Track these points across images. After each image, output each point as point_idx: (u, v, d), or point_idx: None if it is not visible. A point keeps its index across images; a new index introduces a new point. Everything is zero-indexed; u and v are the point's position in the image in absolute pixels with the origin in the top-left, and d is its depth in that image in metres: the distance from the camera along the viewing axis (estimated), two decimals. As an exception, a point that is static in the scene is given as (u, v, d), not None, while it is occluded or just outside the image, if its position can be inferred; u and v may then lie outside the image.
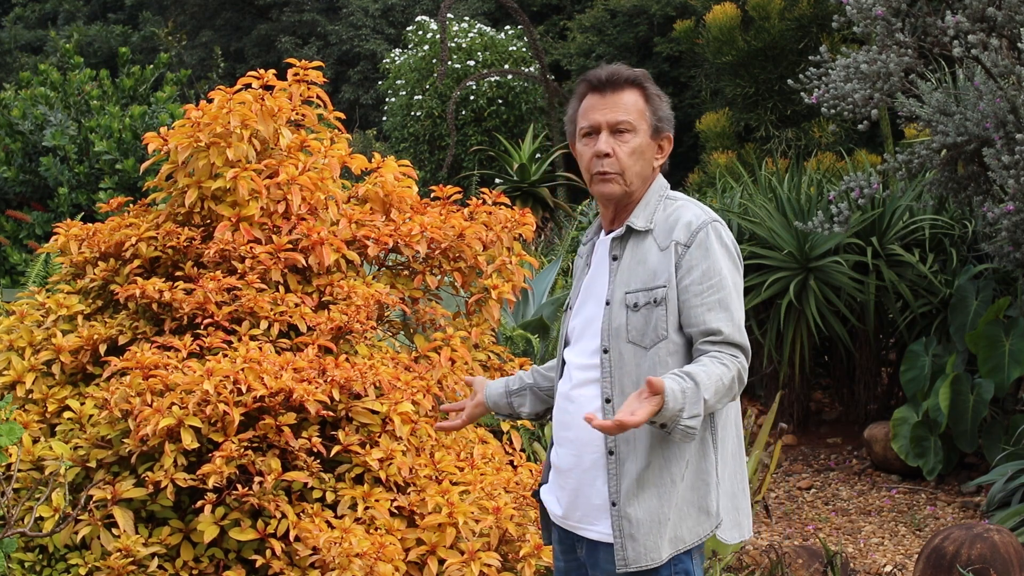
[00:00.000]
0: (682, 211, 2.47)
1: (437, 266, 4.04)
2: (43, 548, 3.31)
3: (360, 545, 3.16)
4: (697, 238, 2.42)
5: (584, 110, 2.51)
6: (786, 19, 10.22)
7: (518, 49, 14.34)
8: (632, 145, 2.46)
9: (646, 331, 2.41)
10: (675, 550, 2.41)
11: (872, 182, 6.18)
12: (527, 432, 5.01)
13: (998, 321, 5.83)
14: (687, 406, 2.27)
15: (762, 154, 10.06)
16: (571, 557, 2.61)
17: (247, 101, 3.86)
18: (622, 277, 2.46)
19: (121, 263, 3.85)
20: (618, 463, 2.42)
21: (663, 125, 2.51)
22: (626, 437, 2.41)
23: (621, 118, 2.46)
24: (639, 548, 2.39)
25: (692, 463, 2.43)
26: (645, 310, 2.41)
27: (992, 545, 4.24)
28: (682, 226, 2.44)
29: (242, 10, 22.07)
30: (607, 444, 2.43)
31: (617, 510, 2.42)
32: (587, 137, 2.50)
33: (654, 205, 2.50)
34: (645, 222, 2.48)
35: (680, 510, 2.42)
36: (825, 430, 7.15)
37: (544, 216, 10.40)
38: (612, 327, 2.44)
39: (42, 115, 8.60)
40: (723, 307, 2.39)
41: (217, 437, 3.25)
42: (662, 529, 2.40)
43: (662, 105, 2.51)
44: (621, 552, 2.41)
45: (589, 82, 2.51)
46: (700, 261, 2.40)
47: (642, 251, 2.46)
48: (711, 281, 2.39)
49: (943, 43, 5.63)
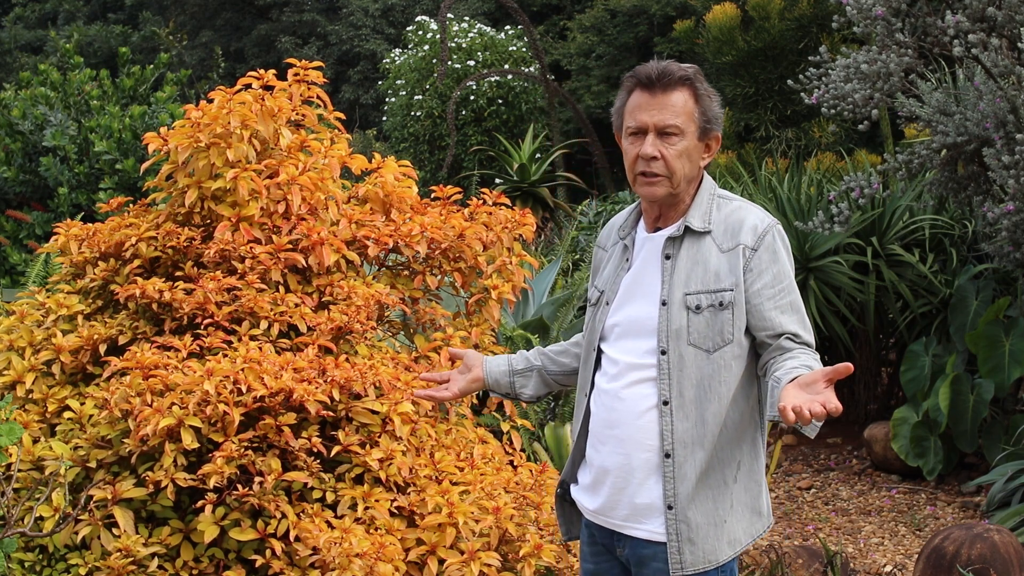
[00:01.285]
0: (744, 213, 2.45)
1: (437, 266, 4.04)
2: (43, 548, 3.31)
3: (360, 545, 3.16)
4: (764, 241, 2.40)
5: (632, 108, 2.45)
6: (786, 19, 10.22)
7: (518, 49, 14.34)
8: (679, 148, 2.42)
9: (709, 334, 2.39)
10: (733, 552, 2.42)
11: (872, 182, 6.18)
12: (527, 432, 5.01)
13: (998, 321, 5.83)
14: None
15: (762, 154, 10.06)
16: (605, 559, 2.58)
17: (247, 101, 3.86)
18: (679, 278, 2.42)
19: (121, 263, 3.85)
20: (675, 466, 2.39)
21: (711, 125, 2.46)
22: (683, 440, 2.39)
23: (669, 121, 2.40)
24: (697, 552, 2.39)
25: (744, 465, 2.44)
26: (708, 313, 2.39)
27: (992, 545, 4.24)
28: (748, 229, 2.42)
29: (242, 10, 22.07)
30: (664, 446, 2.41)
31: (674, 513, 2.39)
32: (634, 136, 2.45)
33: (707, 205, 2.47)
34: (703, 223, 2.44)
35: (735, 512, 2.43)
36: (825, 430, 7.14)
37: (544, 216, 10.40)
38: (671, 328, 2.40)
39: (42, 115, 8.60)
40: (795, 309, 2.40)
41: (217, 437, 3.25)
42: (719, 531, 2.40)
43: (712, 104, 2.46)
44: (677, 556, 2.39)
45: (638, 78, 2.45)
46: (770, 264, 2.40)
47: (701, 252, 2.43)
48: (782, 284, 2.40)
49: (943, 43, 5.63)
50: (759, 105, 10.59)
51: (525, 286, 4.27)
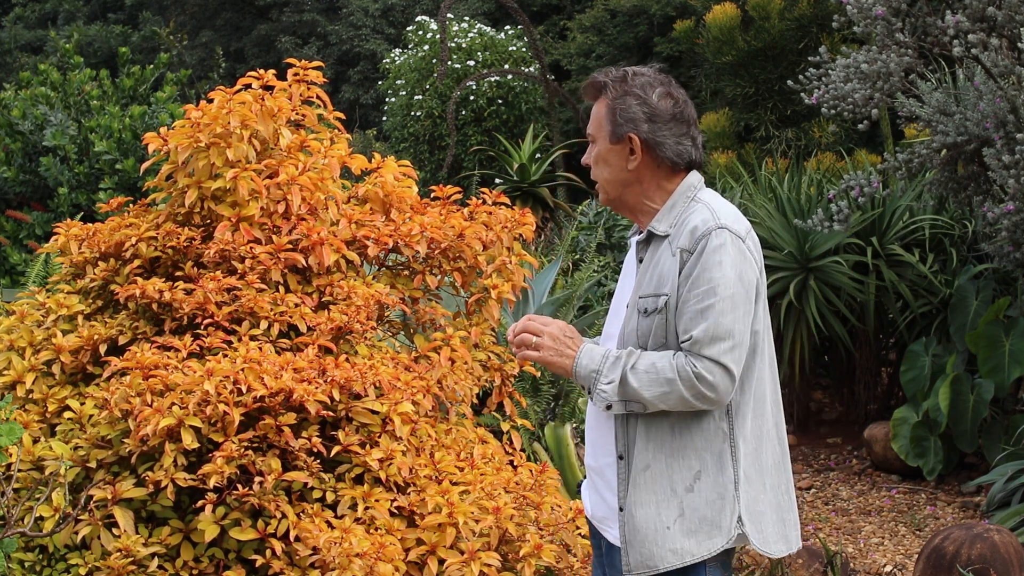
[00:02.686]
0: (692, 215, 2.42)
1: (437, 266, 4.04)
2: (43, 548, 3.31)
3: (360, 545, 3.16)
4: (699, 245, 2.36)
5: None
6: (786, 19, 10.22)
7: (518, 49, 14.34)
8: (592, 155, 2.51)
9: (649, 337, 2.41)
10: (681, 562, 2.38)
11: (872, 181, 6.18)
12: (527, 432, 5.01)
13: (998, 321, 5.83)
14: (604, 370, 2.37)
15: (762, 154, 10.06)
16: (596, 553, 2.67)
17: (247, 101, 3.86)
18: (640, 281, 2.46)
19: (121, 263, 3.85)
20: (626, 468, 2.43)
21: (621, 128, 2.44)
22: (632, 443, 2.41)
23: (589, 131, 2.52)
24: (636, 555, 2.40)
25: (708, 475, 2.39)
26: (652, 316, 2.40)
27: (992, 545, 4.24)
28: (688, 231, 2.39)
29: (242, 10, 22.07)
30: (617, 449, 2.44)
31: (623, 515, 2.43)
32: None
33: (680, 207, 2.45)
34: (667, 226, 2.44)
35: (686, 521, 2.39)
36: (825, 430, 7.15)
37: (544, 216, 10.39)
38: (626, 331, 2.45)
39: (42, 115, 8.60)
40: (703, 317, 2.32)
41: (217, 437, 3.25)
42: (659, 538, 2.38)
43: (627, 105, 2.44)
44: (626, 556, 2.43)
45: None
46: (693, 268, 2.35)
47: (658, 256, 2.44)
48: (699, 289, 2.34)
49: (943, 43, 5.63)
50: (759, 105, 10.58)
51: (525, 286, 4.27)
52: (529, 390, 5.41)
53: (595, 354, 2.40)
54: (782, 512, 2.48)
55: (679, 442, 2.39)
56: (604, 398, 2.37)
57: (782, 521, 2.48)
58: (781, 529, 2.47)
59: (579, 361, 2.40)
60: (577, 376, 2.42)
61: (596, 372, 2.38)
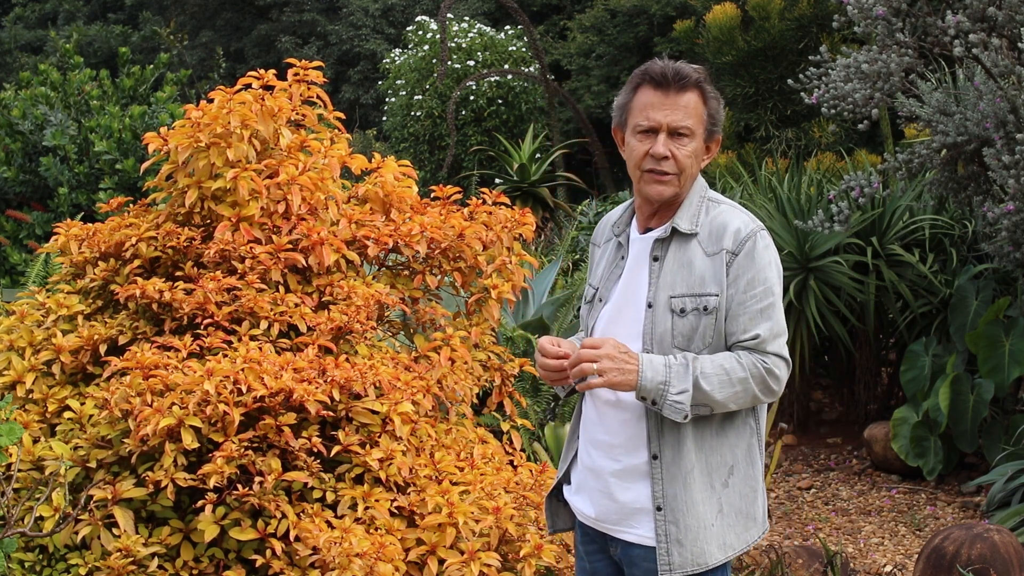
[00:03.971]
0: (728, 217, 2.45)
1: (437, 266, 4.04)
2: (43, 548, 3.31)
3: (360, 545, 3.16)
4: (745, 247, 2.41)
5: (642, 105, 2.45)
6: (786, 19, 10.22)
7: (518, 49, 14.34)
8: (690, 149, 2.44)
9: (693, 337, 2.40)
10: (725, 556, 2.43)
11: (872, 181, 6.18)
12: (527, 432, 5.01)
13: (998, 321, 5.83)
14: (673, 380, 2.33)
15: (762, 154, 10.06)
16: (600, 557, 2.59)
17: (247, 101, 3.86)
18: (665, 280, 2.43)
19: (121, 263, 3.85)
20: (662, 467, 2.41)
21: (716, 128, 2.49)
22: (670, 442, 2.41)
23: (683, 123, 2.42)
24: (686, 553, 2.40)
25: (740, 469, 2.45)
26: (692, 316, 2.40)
27: (992, 545, 4.24)
28: (731, 233, 2.42)
29: (242, 10, 22.07)
30: (651, 448, 2.42)
31: (663, 515, 2.41)
32: (643, 134, 2.45)
33: (696, 206, 2.48)
34: (690, 224, 2.45)
35: (726, 516, 2.43)
36: (825, 430, 7.15)
37: (544, 216, 10.39)
38: (656, 332, 2.42)
39: (42, 115, 8.60)
40: (765, 317, 2.39)
41: (217, 437, 3.25)
42: (708, 534, 2.41)
43: (718, 107, 2.49)
44: (666, 557, 2.40)
45: (651, 76, 2.45)
46: (747, 270, 2.40)
47: (687, 255, 2.44)
48: (755, 290, 2.39)
49: (943, 43, 5.63)
50: (759, 105, 10.58)
51: (525, 286, 4.27)
52: (529, 390, 5.41)
53: (657, 364, 2.35)
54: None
55: (717, 440, 2.43)
56: (680, 409, 2.33)
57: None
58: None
59: (643, 374, 2.33)
60: (643, 390, 2.35)
61: (664, 384, 2.34)
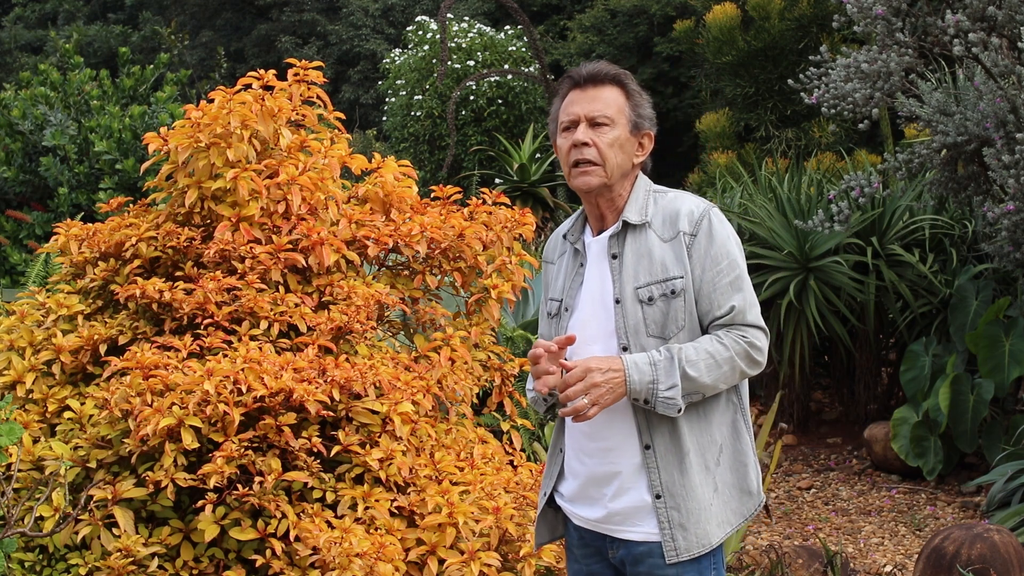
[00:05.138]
0: (679, 202, 2.50)
1: (437, 266, 4.04)
2: (43, 548, 3.31)
3: (360, 545, 3.16)
4: (702, 226, 2.44)
5: (565, 105, 2.54)
6: (786, 19, 10.22)
7: (518, 49, 14.34)
8: (611, 137, 2.49)
9: (666, 324, 2.42)
10: (723, 533, 2.46)
11: (872, 181, 6.18)
12: (527, 432, 5.01)
13: (998, 321, 5.83)
14: (660, 377, 2.35)
15: (762, 154, 10.06)
16: (596, 560, 2.58)
17: (247, 101, 3.86)
18: (628, 273, 2.46)
19: (121, 263, 3.85)
20: (656, 456, 2.43)
21: (643, 122, 2.53)
22: (661, 430, 2.42)
23: (601, 112, 2.49)
24: (690, 536, 2.41)
25: (728, 445, 2.48)
26: (661, 302, 2.42)
27: (992, 545, 4.24)
28: (684, 215, 2.46)
29: (242, 10, 22.07)
30: (643, 440, 2.44)
31: (663, 502, 2.43)
32: (566, 131, 2.52)
33: (644, 199, 2.53)
34: (639, 216, 2.50)
35: (722, 494, 2.46)
36: (825, 430, 7.15)
37: (544, 216, 10.39)
38: (629, 324, 2.44)
39: (42, 115, 8.60)
40: (736, 288, 2.43)
41: (217, 437, 3.25)
42: (708, 515, 2.43)
43: (642, 103, 2.54)
44: (671, 543, 2.42)
45: (572, 79, 2.54)
46: (708, 247, 2.43)
47: (644, 245, 2.47)
48: (720, 265, 2.43)
49: (943, 43, 5.63)
50: (759, 105, 10.58)
51: (525, 286, 4.27)
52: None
53: (642, 365, 2.37)
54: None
55: (704, 421, 2.45)
56: (672, 404, 2.36)
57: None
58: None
59: (630, 378, 2.36)
60: (633, 392, 2.37)
61: (652, 382, 2.36)
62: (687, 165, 11.91)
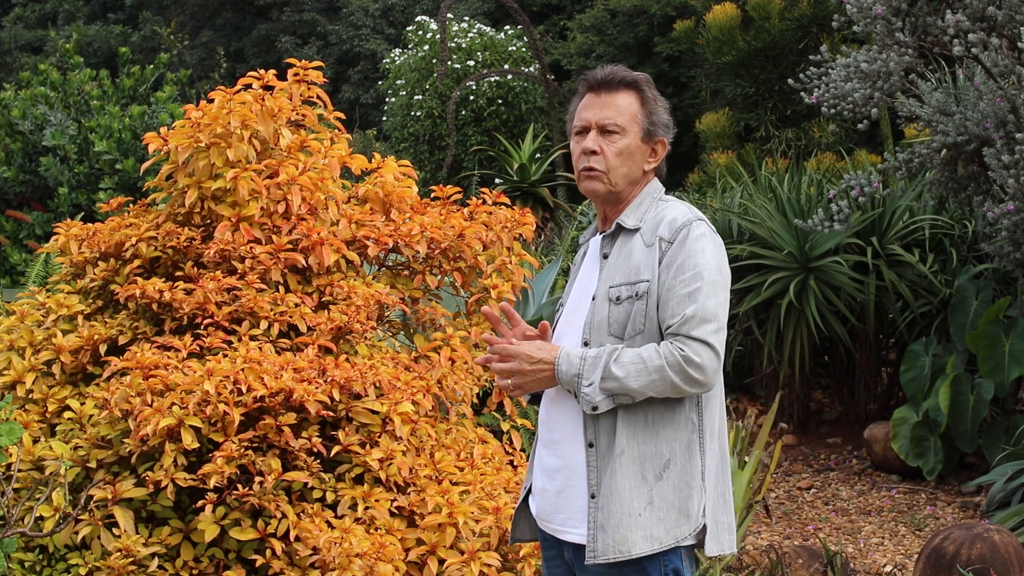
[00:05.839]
0: (669, 210, 2.51)
1: (437, 266, 4.04)
2: (43, 548, 3.31)
3: (360, 545, 3.16)
4: (680, 234, 2.44)
5: (579, 108, 2.55)
6: (786, 19, 10.23)
7: (518, 49, 14.34)
8: (619, 146, 2.49)
9: (626, 324, 2.43)
10: (651, 548, 2.40)
11: (872, 181, 6.18)
12: (527, 432, 5.01)
13: (998, 321, 5.83)
14: (584, 372, 2.38)
15: (762, 154, 10.06)
16: (558, 563, 2.58)
17: (247, 101, 3.86)
18: (608, 273, 2.50)
19: (121, 263, 3.85)
20: (597, 456, 2.44)
21: (656, 129, 2.53)
22: (604, 429, 2.42)
23: (610, 119, 2.49)
24: (607, 540, 2.39)
25: (676, 463, 2.43)
26: (627, 303, 2.44)
27: (992, 545, 4.24)
28: (666, 223, 2.47)
29: (242, 10, 22.07)
30: (587, 437, 2.44)
31: (595, 502, 2.43)
32: (578, 135, 2.54)
33: (646, 206, 2.54)
34: (635, 221, 2.51)
35: (656, 508, 2.41)
36: (825, 430, 7.15)
37: (544, 216, 10.39)
38: (595, 321, 2.47)
39: (42, 115, 8.60)
40: (692, 300, 2.39)
41: (217, 437, 3.25)
42: (632, 523, 2.39)
43: (658, 109, 2.53)
44: (592, 544, 2.41)
45: (587, 82, 2.55)
46: (677, 256, 2.43)
47: (628, 248, 2.50)
48: (684, 275, 2.41)
49: (943, 43, 5.63)
50: (759, 105, 10.59)
51: (525, 285, 4.27)
52: (529, 390, 5.41)
53: (572, 358, 2.41)
54: (716, 514, 2.50)
55: (651, 430, 2.43)
56: (588, 400, 2.38)
57: (716, 523, 2.50)
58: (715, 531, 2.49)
59: (559, 368, 2.41)
60: (562, 384, 2.43)
61: (577, 376, 2.39)
62: (687, 165, 11.92)
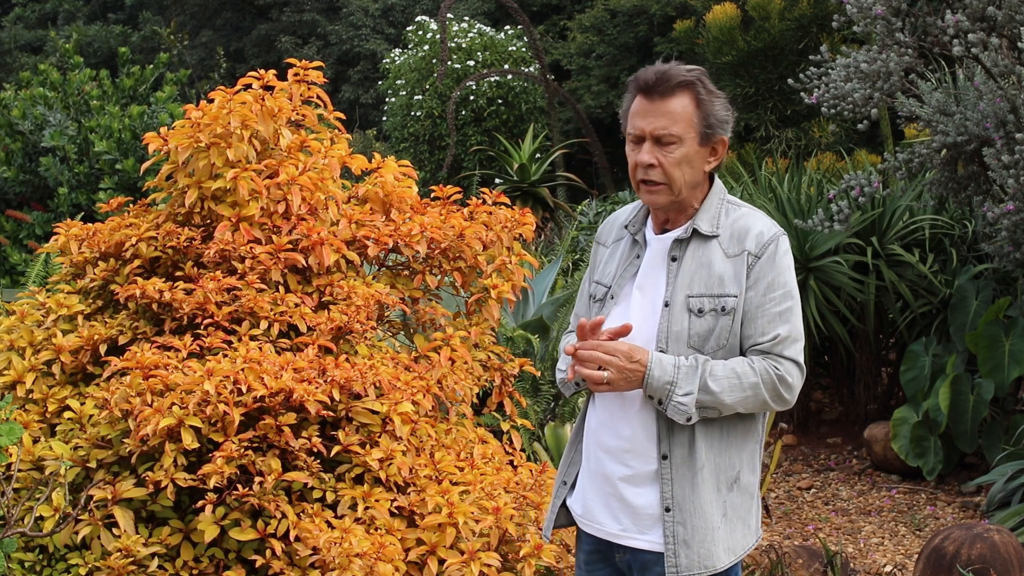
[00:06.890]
0: (751, 220, 2.44)
1: (437, 266, 4.04)
2: (43, 548, 3.31)
3: (360, 545, 3.16)
4: (768, 250, 2.40)
5: (632, 113, 2.43)
6: (786, 19, 10.22)
7: (518, 49, 14.34)
8: (677, 156, 2.38)
9: (708, 338, 2.38)
10: (730, 560, 2.41)
11: (872, 181, 6.18)
12: (527, 432, 5.01)
13: (998, 321, 5.83)
14: (680, 381, 2.32)
15: (762, 154, 10.06)
16: (602, 566, 2.56)
17: (247, 101, 3.86)
18: (683, 280, 2.41)
19: (121, 263, 3.85)
20: (672, 468, 2.39)
21: (714, 130, 2.42)
22: (680, 442, 2.39)
23: (665, 130, 2.37)
24: (692, 555, 2.37)
25: (744, 475, 2.43)
26: (710, 316, 2.38)
27: (992, 545, 4.24)
28: (753, 236, 2.41)
29: (242, 10, 22.07)
30: (660, 449, 2.40)
31: (671, 516, 2.39)
32: (634, 144, 2.43)
33: (716, 208, 2.46)
34: (711, 226, 2.43)
35: (730, 520, 2.41)
36: (825, 430, 7.15)
37: (544, 216, 10.40)
38: (672, 331, 2.39)
39: (42, 115, 8.60)
40: (784, 320, 2.39)
41: (217, 437, 3.25)
42: (715, 536, 2.38)
43: (715, 107, 2.42)
44: (673, 559, 2.38)
45: (638, 83, 2.42)
46: (767, 272, 2.39)
47: (706, 255, 2.42)
48: (775, 293, 2.39)
49: (943, 43, 5.63)
50: (759, 105, 10.58)
51: (525, 286, 4.27)
52: (529, 390, 5.41)
53: (666, 364, 2.33)
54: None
55: (725, 442, 2.41)
56: (683, 411, 2.32)
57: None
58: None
59: (651, 373, 2.32)
60: (649, 388, 2.34)
61: (671, 383, 2.33)
62: (687, 165, 11.88)
